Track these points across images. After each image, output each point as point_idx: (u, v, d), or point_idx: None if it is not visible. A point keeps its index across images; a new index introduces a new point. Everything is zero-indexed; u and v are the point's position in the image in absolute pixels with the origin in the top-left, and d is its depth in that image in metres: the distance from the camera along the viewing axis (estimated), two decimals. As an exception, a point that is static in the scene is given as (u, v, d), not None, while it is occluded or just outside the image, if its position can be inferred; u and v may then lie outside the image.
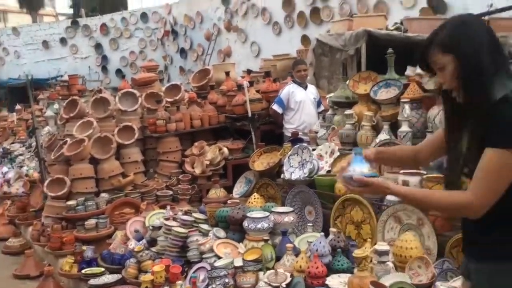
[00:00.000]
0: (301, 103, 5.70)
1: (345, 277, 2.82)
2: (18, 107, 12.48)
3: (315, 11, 10.95)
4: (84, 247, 4.16)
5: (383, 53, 4.47)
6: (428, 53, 1.67)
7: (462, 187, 1.66)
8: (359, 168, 1.73)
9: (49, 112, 9.27)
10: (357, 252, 2.69)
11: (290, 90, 5.79)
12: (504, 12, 6.16)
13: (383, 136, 3.94)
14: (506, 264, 1.57)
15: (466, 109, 1.64)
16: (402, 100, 3.94)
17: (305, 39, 10.63)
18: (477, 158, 1.56)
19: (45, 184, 5.28)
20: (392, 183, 1.74)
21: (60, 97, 9.51)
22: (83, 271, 3.86)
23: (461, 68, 1.59)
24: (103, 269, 3.84)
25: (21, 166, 8.10)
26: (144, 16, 17.63)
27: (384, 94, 4.24)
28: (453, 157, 1.72)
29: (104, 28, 18.04)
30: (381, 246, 2.82)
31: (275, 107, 5.85)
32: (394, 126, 4.03)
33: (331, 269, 2.97)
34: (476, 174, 1.56)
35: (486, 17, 5.90)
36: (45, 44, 18.69)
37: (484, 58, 1.57)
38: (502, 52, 1.65)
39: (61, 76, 16.48)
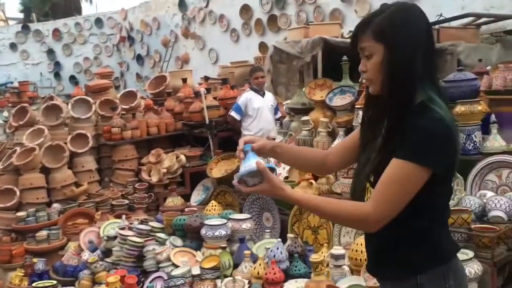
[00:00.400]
0: (259, 110, 5.72)
1: (302, 282, 2.84)
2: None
3: (272, 19, 11.06)
4: (35, 260, 4.00)
5: (339, 60, 4.55)
6: (360, 35, 1.50)
7: (367, 193, 1.59)
8: (250, 161, 1.51)
9: (-3, 120, 8.91)
10: (313, 257, 2.72)
11: (247, 97, 5.80)
12: (453, 21, 6.42)
13: (339, 141, 4.01)
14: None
15: (383, 108, 1.53)
16: (356, 106, 4.02)
17: (262, 46, 10.72)
18: (385, 166, 1.44)
19: (-7, 194, 5.05)
20: (288, 186, 1.54)
21: (10, 105, 9.17)
22: (34, 285, 3.71)
23: (390, 61, 1.44)
24: (55, 282, 3.70)
25: (-32, 177, 7.73)
26: (98, 22, 17.30)
27: (339, 100, 4.31)
28: (362, 162, 1.59)
29: (57, 33, 17.56)
30: (337, 250, 2.86)
31: (233, 114, 5.84)
32: (349, 132, 4.09)
33: (289, 275, 2.98)
34: (377, 185, 1.44)
35: (436, 26, 6.14)
36: (-6, 49, 18.01)
37: (418, 57, 1.43)
38: (434, 56, 1.52)
39: (11, 82, 15.92)
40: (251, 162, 1.51)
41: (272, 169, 1.53)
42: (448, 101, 3.67)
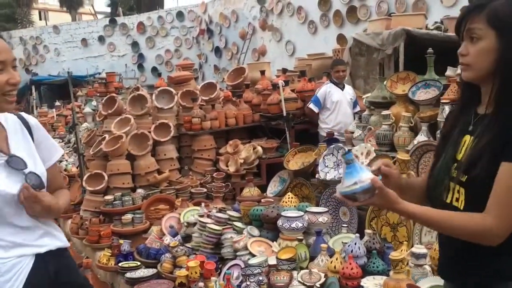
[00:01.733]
0: (338, 103, 5.65)
1: (380, 279, 2.79)
2: (57, 103, 12.86)
3: (351, 10, 10.85)
4: (121, 241, 4.25)
5: (422, 53, 4.38)
6: (471, 15, 1.41)
7: (443, 198, 1.48)
8: (365, 175, 1.39)
9: (87, 109, 9.52)
10: (393, 254, 2.66)
11: (327, 90, 5.75)
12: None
13: (422, 137, 3.87)
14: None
15: (476, 98, 1.44)
16: (442, 101, 3.86)
17: (340, 38, 10.55)
18: (484, 164, 1.35)
19: (84, 178, 5.42)
20: (400, 200, 1.42)
21: (98, 94, 9.75)
22: (120, 264, 3.94)
23: (504, 54, 1.34)
24: (139, 263, 3.91)
25: (60, 161, 8.34)
26: (180, 15, 17.88)
27: (423, 94, 4.16)
28: (444, 157, 1.49)
29: (141, 26, 18.38)
30: (419, 249, 2.78)
31: (311, 106, 5.82)
32: (433, 128, 3.95)
33: (366, 271, 2.94)
34: (495, 196, 1.33)
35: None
36: (84, 42, 19.20)
37: None
38: None
39: (99, 73, 16.93)
40: (361, 177, 1.38)
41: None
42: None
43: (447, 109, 3.78)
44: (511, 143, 1.32)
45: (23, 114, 1.88)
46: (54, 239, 1.79)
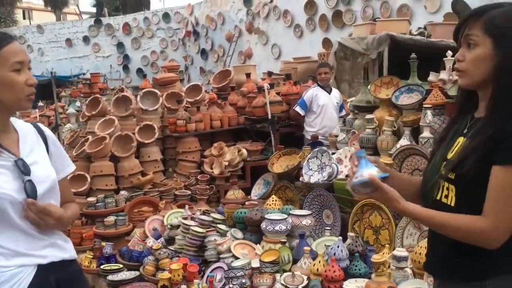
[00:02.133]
0: (324, 107, 5.69)
1: (362, 281, 2.81)
2: (40, 103, 12.70)
3: (337, 14, 10.93)
4: (103, 243, 4.21)
5: (406, 58, 4.43)
6: (469, 22, 1.43)
7: (433, 195, 1.53)
8: (368, 171, 1.52)
9: (70, 110, 9.42)
10: (375, 257, 2.68)
11: (314, 93, 5.79)
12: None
13: (404, 141, 3.91)
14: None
15: (472, 104, 1.47)
16: (424, 105, 3.91)
17: (326, 42, 10.62)
18: (470, 162, 1.39)
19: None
20: (402, 199, 1.50)
21: (82, 95, 9.67)
22: (101, 267, 3.91)
23: (501, 63, 1.37)
24: (121, 265, 3.88)
25: (43, 162, 8.23)
26: (166, 16, 17.82)
27: (406, 99, 4.20)
28: (437, 159, 1.54)
29: (126, 27, 18.29)
30: (400, 252, 2.80)
31: (297, 109, 5.85)
32: (416, 132, 3.99)
33: (348, 274, 2.96)
34: (491, 198, 1.37)
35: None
36: (68, 42, 19.03)
37: None
38: None
39: (83, 74, 16.78)
40: (363, 172, 1.50)
41: (385, 178, 1.53)
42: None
43: (429, 113, 3.83)
44: (500, 146, 1.35)
45: (39, 124, 1.90)
46: (58, 250, 1.73)
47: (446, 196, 1.48)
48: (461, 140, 1.49)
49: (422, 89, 4.14)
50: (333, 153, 4.41)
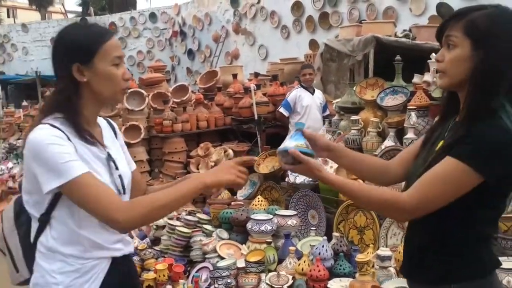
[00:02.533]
0: (308, 108, 5.72)
1: (346, 281, 2.84)
2: (24, 103, 12.56)
3: (324, 16, 10.99)
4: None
5: (391, 60, 4.49)
6: (451, 22, 1.43)
7: None
8: (295, 142, 1.58)
9: (56, 109, 9.32)
10: (359, 257, 2.71)
11: (297, 94, 5.82)
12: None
13: (389, 142, 3.96)
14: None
15: (454, 107, 1.50)
16: (408, 107, 3.96)
17: (313, 44, 10.66)
18: (437, 156, 1.43)
19: (51, 180, 5.33)
20: (325, 168, 1.63)
21: (68, 95, 9.56)
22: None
23: (478, 66, 1.37)
24: (106, 266, 3.86)
25: (27, 162, 8.15)
26: (153, 16, 17.73)
27: (390, 101, 4.25)
28: (418, 162, 1.56)
29: (112, 27, 18.14)
30: (384, 251, 2.84)
31: (281, 110, 5.87)
32: (400, 133, 4.04)
33: (333, 273, 2.98)
34: (422, 177, 1.41)
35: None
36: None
37: (509, 69, 1.37)
38: None
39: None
40: (289, 142, 1.58)
41: (310, 155, 1.57)
42: None
43: (413, 115, 3.88)
44: (460, 143, 1.37)
45: (108, 118, 1.90)
46: (127, 244, 1.76)
47: None
48: (441, 143, 1.51)
49: (407, 90, 4.19)
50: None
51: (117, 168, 1.68)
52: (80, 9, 32.17)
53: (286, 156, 1.56)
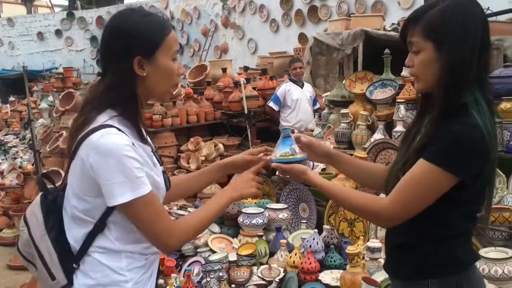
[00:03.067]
0: (298, 101, 5.74)
1: (337, 273, 2.87)
2: (12, 98, 12.43)
3: (313, 10, 10.99)
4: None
5: (380, 53, 4.51)
6: (410, 29, 1.45)
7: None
8: (279, 152, 1.66)
9: (43, 104, 9.25)
10: (350, 249, 2.74)
11: (286, 88, 5.83)
12: (500, 15, 6.23)
13: (378, 135, 3.99)
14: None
15: (429, 105, 1.51)
16: (397, 100, 3.99)
17: (302, 37, 10.67)
18: (411, 163, 1.43)
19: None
20: (311, 170, 1.63)
21: (55, 90, 9.48)
22: (77, 263, 3.87)
23: (442, 62, 1.39)
24: (97, 261, 3.86)
25: (15, 158, 8.09)
26: (141, 10, 17.55)
27: (380, 94, 4.28)
28: (397, 159, 1.57)
29: (100, 21, 17.96)
30: (374, 243, 2.87)
31: (271, 104, 5.89)
32: (389, 126, 4.07)
33: (324, 265, 3.01)
34: (400, 183, 1.42)
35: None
36: (40, 35, 18.60)
37: (473, 57, 1.37)
38: (489, 55, 1.47)
39: (56, 68, 16.46)
40: (276, 152, 1.66)
41: (295, 162, 1.62)
42: (493, 100, 3.61)
43: (402, 108, 3.91)
44: (431, 144, 1.38)
45: None
46: None
47: None
48: (418, 138, 1.52)
49: (396, 84, 4.22)
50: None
51: (161, 164, 1.63)
52: (66, 2, 31.80)
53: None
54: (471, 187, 1.40)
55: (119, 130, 1.45)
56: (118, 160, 1.40)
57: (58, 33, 18.47)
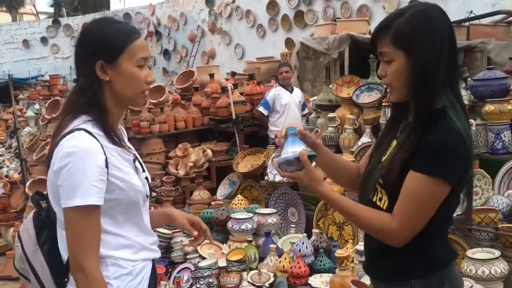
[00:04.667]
0: (287, 106, 5.76)
1: (327, 276, 2.88)
2: (-3, 106, 12.32)
3: (299, 15, 11.05)
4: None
5: (366, 57, 4.55)
6: (379, 39, 1.46)
7: (369, 197, 1.56)
8: (293, 148, 1.49)
9: (29, 113, 9.18)
10: (339, 252, 2.75)
11: (276, 93, 5.85)
12: (484, 18, 6.33)
13: (365, 139, 4.02)
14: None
15: (402, 110, 1.53)
16: (384, 103, 4.02)
17: (288, 42, 10.72)
18: (396, 172, 1.43)
19: (27, 184, 5.24)
20: (324, 183, 1.51)
21: (41, 97, 9.42)
22: (65, 272, 3.84)
23: (413, 69, 1.41)
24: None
25: (1, 167, 8.00)
26: (127, 17, 17.51)
27: (366, 97, 4.31)
28: (373, 164, 1.57)
29: (86, 28, 17.86)
30: (362, 246, 2.88)
31: (260, 109, 5.90)
32: (376, 129, 4.10)
33: (314, 269, 3.03)
34: (400, 203, 1.42)
35: (466, 24, 6.06)
36: (26, 43, 18.45)
37: (442, 62, 1.40)
38: (457, 58, 1.50)
39: (42, 76, 16.33)
40: (289, 149, 1.48)
41: (313, 156, 1.51)
42: (477, 102, 3.66)
43: (389, 111, 3.94)
44: (417, 153, 1.39)
45: None
46: (158, 245, 1.73)
47: (380, 199, 1.52)
48: (394, 143, 1.54)
49: (382, 87, 4.26)
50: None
51: (143, 170, 1.64)
52: (52, 10, 31.60)
53: (290, 165, 1.48)
54: (453, 190, 1.42)
55: (91, 133, 1.47)
56: (77, 163, 1.41)
57: (43, 40, 18.34)
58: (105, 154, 1.46)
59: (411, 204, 1.40)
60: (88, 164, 1.42)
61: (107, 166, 1.46)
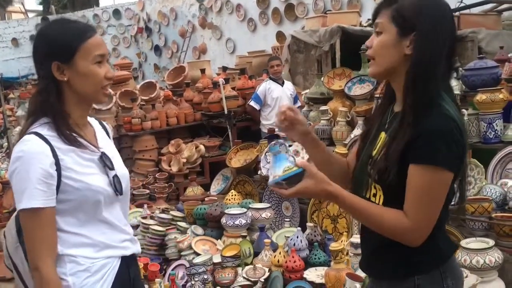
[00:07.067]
0: (278, 100, 5.74)
1: (322, 270, 2.87)
2: (-13, 106, 12.19)
3: (289, 8, 11.00)
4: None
5: (357, 49, 4.53)
6: (381, 10, 1.44)
7: (363, 194, 1.51)
8: (279, 169, 1.37)
9: (20, 112, 9.09)
10: (333, 245, 2.75)
11: (267, 87, 5.82)
12: (474, 8, 6.32)
13: (358, 131, 4.00)
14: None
15: (391, 98, 1.50)
16: (376, 95, 4.01)
17: (280, 36, 10.68)
18: (395, 169, 1.37)
19: (18, 185, 5.19)
20: (330, 182, 1.38)
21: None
22: (59, 272, 3.81)
23: (413, 61, 1.37)
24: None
25: (-7, 167, 7.92)
26: (116, 13, 17.38)
27: (358, 90, 4.30)
28: (363, 158, 1.53)
29: (76, 25, 17.71)
30: (357, 238, 2.87)
31: (252, 103, 5.88)
32: (368, 121, 4.09)
33: (308, 263, 3.02)
34: (410, 200, 1.37)
35: (457, 13, 6.06)
36: (15, 41, 18.27)
37: (443, 58, 1.37)
38: (454, 51, 1.44)
39: (32, 74, 16.16)
40: (275, 171, 1.38)
41: (299, 174, 1.37)
42: (467, 90, 3.66)
43: (380, 103, 3.93)
44: (413, 145, 1.35)
45: (101, 120, 1.87)
46: (135, 243, 1.74)
47: (375, 195, 1.49)
48: (382, 135, 1.50)
49: (373, 79, 4.24)
50: (290, 146, 4.46)
51: (112, 168, 1.64)
52: (41, 7, 31.32)
53: (281, 185, 1.37)
54: (453, 178, 1.40)
55: (42, 136, 1.51)
56: (23, 167, 1.47)
57: (33, 38, 18.05)
58: (55, 157, 1.50)
59: (421, 199, 1.36)
60: (34, 168, 1.46)
61: (58, 169, 1.50)
